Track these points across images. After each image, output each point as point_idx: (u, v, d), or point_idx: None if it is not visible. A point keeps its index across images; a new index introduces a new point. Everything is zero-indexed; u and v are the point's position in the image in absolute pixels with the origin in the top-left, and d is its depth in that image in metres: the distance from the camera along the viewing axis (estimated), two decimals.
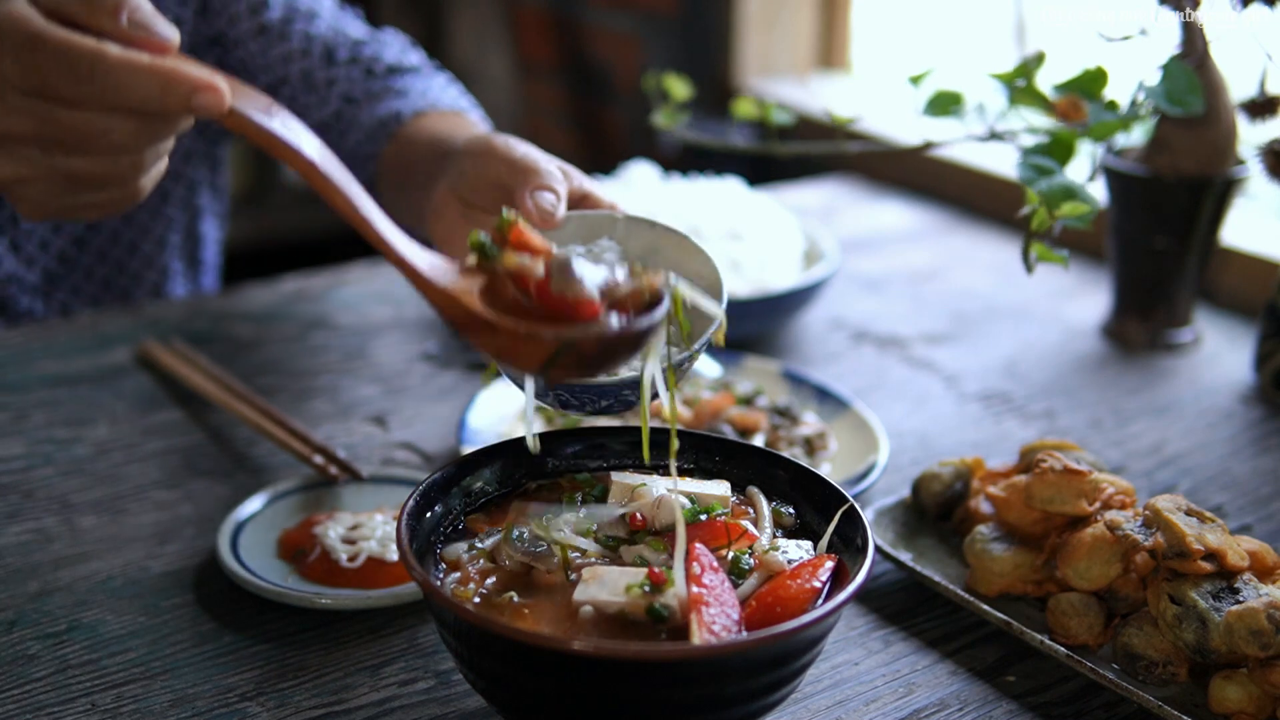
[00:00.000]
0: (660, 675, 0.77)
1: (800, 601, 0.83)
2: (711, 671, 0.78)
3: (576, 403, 0.94)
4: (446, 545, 0.91)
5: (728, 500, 0.93)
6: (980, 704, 0.96)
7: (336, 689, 0.95)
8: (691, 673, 0.77)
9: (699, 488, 0.93)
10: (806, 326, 1.60)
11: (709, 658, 0.77)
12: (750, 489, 0.97)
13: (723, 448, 1.01)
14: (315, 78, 1.52)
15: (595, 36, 3.18)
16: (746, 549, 0.88)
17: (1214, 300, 1.69)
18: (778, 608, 0.82)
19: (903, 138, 2.01)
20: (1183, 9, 1.41)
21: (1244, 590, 0.93)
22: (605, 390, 0.92)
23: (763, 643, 0.77)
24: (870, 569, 0.84)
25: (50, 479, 1.21)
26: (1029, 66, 1.43)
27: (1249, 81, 1.43)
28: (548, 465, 0.99)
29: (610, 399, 0.93)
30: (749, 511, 0.94)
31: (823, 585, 0.85)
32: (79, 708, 0.92)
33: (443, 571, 0.88)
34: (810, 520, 0.94)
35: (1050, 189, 1.27)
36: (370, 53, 1.53)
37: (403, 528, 0.86)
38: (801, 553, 0.89)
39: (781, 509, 0.95)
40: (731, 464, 1.00)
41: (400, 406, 1.37)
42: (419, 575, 0.81)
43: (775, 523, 0.94)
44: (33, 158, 0.83)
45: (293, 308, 1.60)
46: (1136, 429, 1.38)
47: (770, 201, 1.66)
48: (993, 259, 1.85)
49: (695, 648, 0.78)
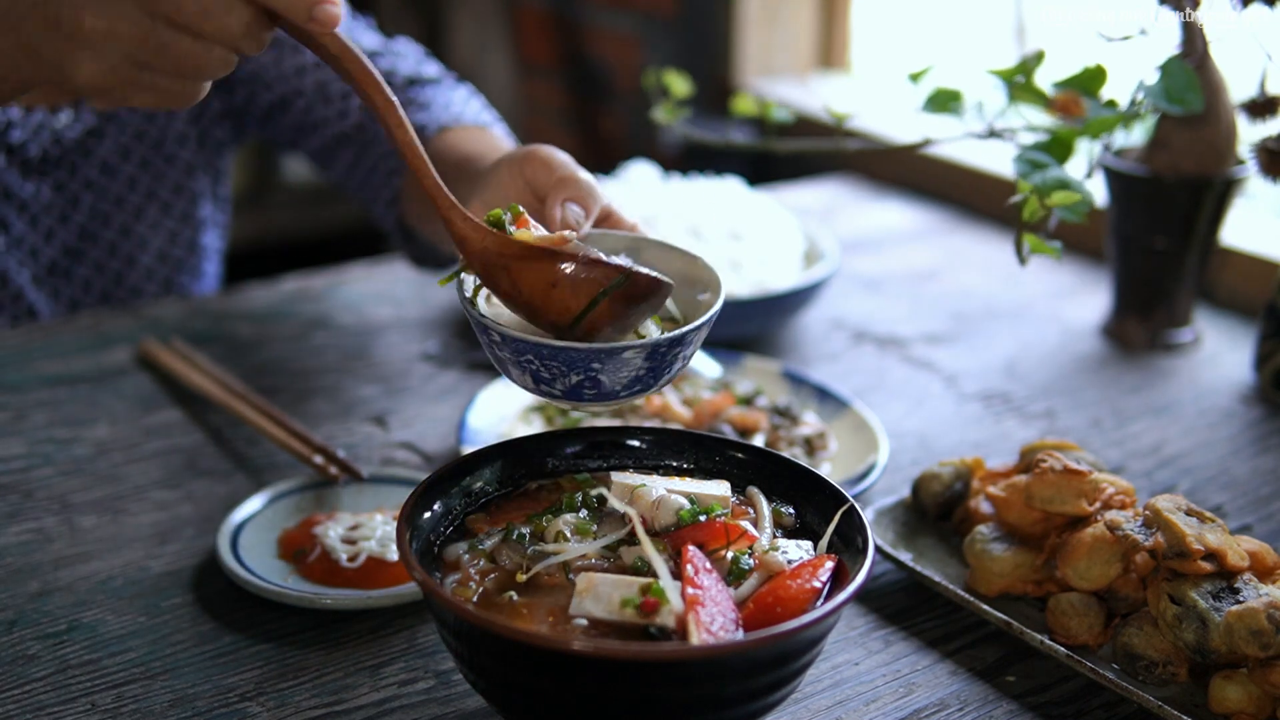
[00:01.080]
0: (659, 675, 0.77)
1: (800, 602, 0.83)
2: (710, 671, 0.78)
3: (548, 375, 0.92)
4: (446, 545, 0.91)
5: (728, 500, 0.93)
6: (980, 704, 0.96)
7: (336, 689, 0.95)
8: (690, 673, 0.77)
9: (699, 488, 0.93)
10: (806, 326, 1.60)
11: (708, 658, 0.77)
12: (750, 489, 0.97)
13: (721, 448, 1.01)
14: (331, 90, 1.52)
15: (595, 36, 3.18)
16: (746, 549, 0.88)
17: (1214, 300, 1.69)
18: (777, 608, 0.82)
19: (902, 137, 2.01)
20: (1183, 9, 1.41)
21: (1244, 590, 0.93)
22: (574, 359, 0.91)
23: (762, 643, 0.77)
24: (870, 569, 0.84)
25: (50, 479, 1.21)
26: (1028, 64, 1.43)
27: (1249, 81, 1.43)
28: (548, 465, 0.99)
29: (580, 372, 0.92)
30: (749, 512, 0.94)
31: (823, 585, 0.85)
32: (79, 708, 0.92)
33: (442, 571, 0.88)
34: (810, 520, 0.94)
35: (1044, 181, 1.27)
36: (387, 65, 1.53)
37: (403, 527, 0.86)
38: (801, 553, 0.89)
39: (782, 509, 0.95)
40: (731, 464, 1.00)
41: (400, 406, 1.37)
42: (419, 575, 0.81)
43: (775, 523, 0.94)
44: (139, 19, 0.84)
45: (293, 308, 1.60)
46: (1136, 429, 1.38)
47: (770, 201, 1.66)
48: (993, 259, 1.85)
49: (694, 648, 0.78)
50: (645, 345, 0.91)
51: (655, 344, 0.91)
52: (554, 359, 0.91)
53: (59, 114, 1.46)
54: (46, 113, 1.44)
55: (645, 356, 0.92)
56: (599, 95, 3.22)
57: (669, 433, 1.02)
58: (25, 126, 1.43)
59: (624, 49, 3.09)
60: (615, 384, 0.92)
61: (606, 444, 1.01)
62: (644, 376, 0.93)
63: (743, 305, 1.45)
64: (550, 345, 0.91)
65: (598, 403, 0.94)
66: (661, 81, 1.69)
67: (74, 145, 1.49)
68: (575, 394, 0.93)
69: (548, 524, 0.91)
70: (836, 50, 2.72)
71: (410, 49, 1.58)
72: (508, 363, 0.94)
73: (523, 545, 0.89)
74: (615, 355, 0.91)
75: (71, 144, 1.48)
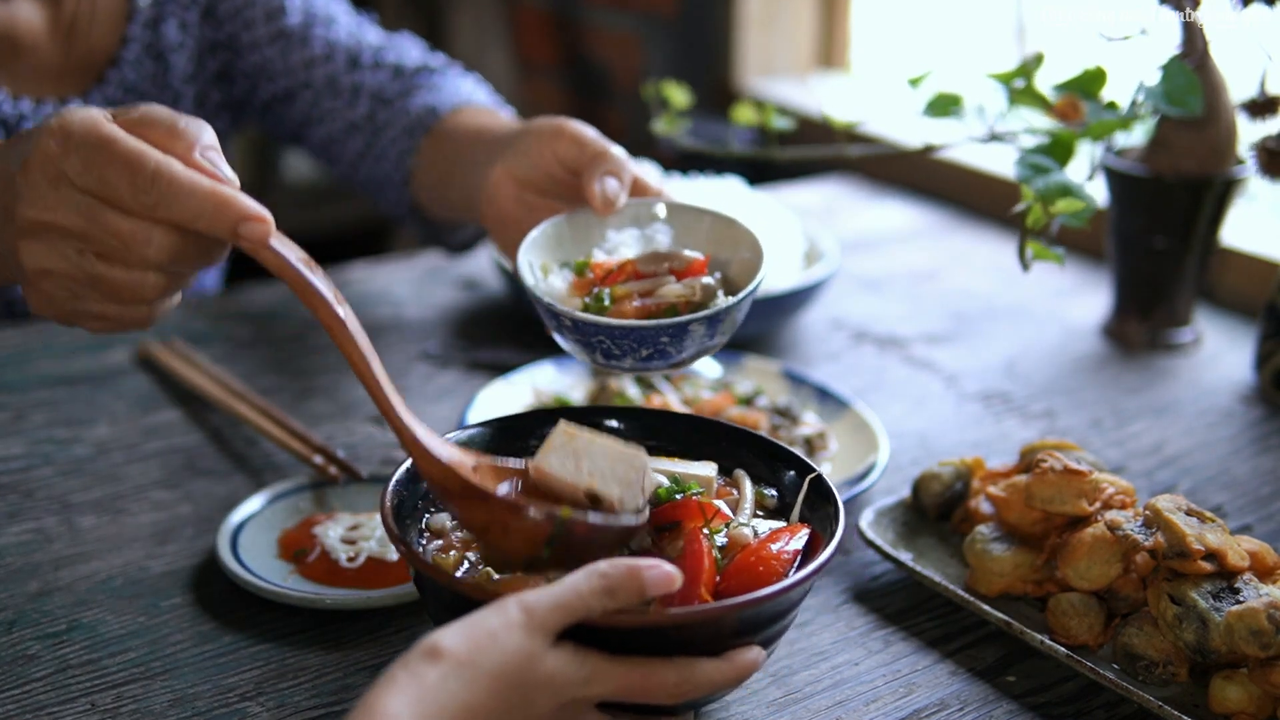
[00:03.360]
0: (633, 641, 0.79)
1: (770, 565, 0.86)
2: (684, 638, 0.80)
3: (619, 352, 1.00)
4: (434, 515, 0.94)
5: (710, 481, 0.96)
6: (980, 704, 0.96)
7: (336, 689, 0.95)
8: (664, 639, 0.80)
9: (685, 469, 0.96)
10: (806, 326, 1.60)
11: (680, 624, 0.80)
12: (737, 472, 1.00)
13: (694, 427, 1.04)
14: (340, 82, 1.53)
15: (595, 36, 3.18)
16: (721, 526, 0.91)
17: (1214, 300, 1.69)
18: (746, 575, 0.85)
19: (903, 139, 2.01)
20: (1183, 9, 1.41)
21: (1244, 590, 0.93)
22: (644, 336, 0.98)
23: (739, 608, 0.80)
24: (840, 538, 0.87)
25: (50, 479, 1.21)
26: (1028, 67, 1.43)
27: (1249, 81, 1.43)
28: (532, 445, 1.01)
29: (650, 347, 0.99)
30: (733, 493, 0.97)
31: (793, 555, 0.87)
32: (79, 708, 0.92)
33: (426, 539, 0.92)
34: (791, 501, 0.96)
35: (1047, 187, 1.27)
36: (394, 57, 1.54)
37: (388, 495, 0.89)
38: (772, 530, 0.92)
39: (765, 491, 0.98)
40: (710, 446, 1.02)
41: None
42: (394, 533, 0.85)
43: (758, 504, 0.97)
44: (67, 255, 0.85)
45: (293, 308, 1.60)
46: (1136, 429, 1.38)
47: (770, 201, 1.66)
48: (993, 259, 1.85)
49: (668, 614, 0.80)
50: (706, 317, 1.00)
51: (715, 314, 1.00)
52: (625, 337, 0.99)
53: (70, 103, 1.46)
54: (57, 103, 1.45)
55: (707, 326, 1.00)
56: (599, 95, 3.22)
57: (651, 413, 1.06)
58: (36, 118, 1.44)
59: (624, 49, 3.09)
60: (680, 352, 1.01)
61: (600, 424, 1.03)
62: (705, 342, 1.02)
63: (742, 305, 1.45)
64: (622, 325, 0.99)
65: (665, 368, 1.03)
66: (661, 92, 1.69)
67: None
68: (644, 364, 1.02)
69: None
70: (836, 50, 2.72)
71: (413, 43, 1.60)
72: (578, 344, 1.02)
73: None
74: (682, 329, 0.99)
75: None
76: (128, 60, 1.49)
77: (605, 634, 0.78)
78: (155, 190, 0.82)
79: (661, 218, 1.11)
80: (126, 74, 1.49)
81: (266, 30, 1.53)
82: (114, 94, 1.49)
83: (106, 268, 0.85)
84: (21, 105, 1.42)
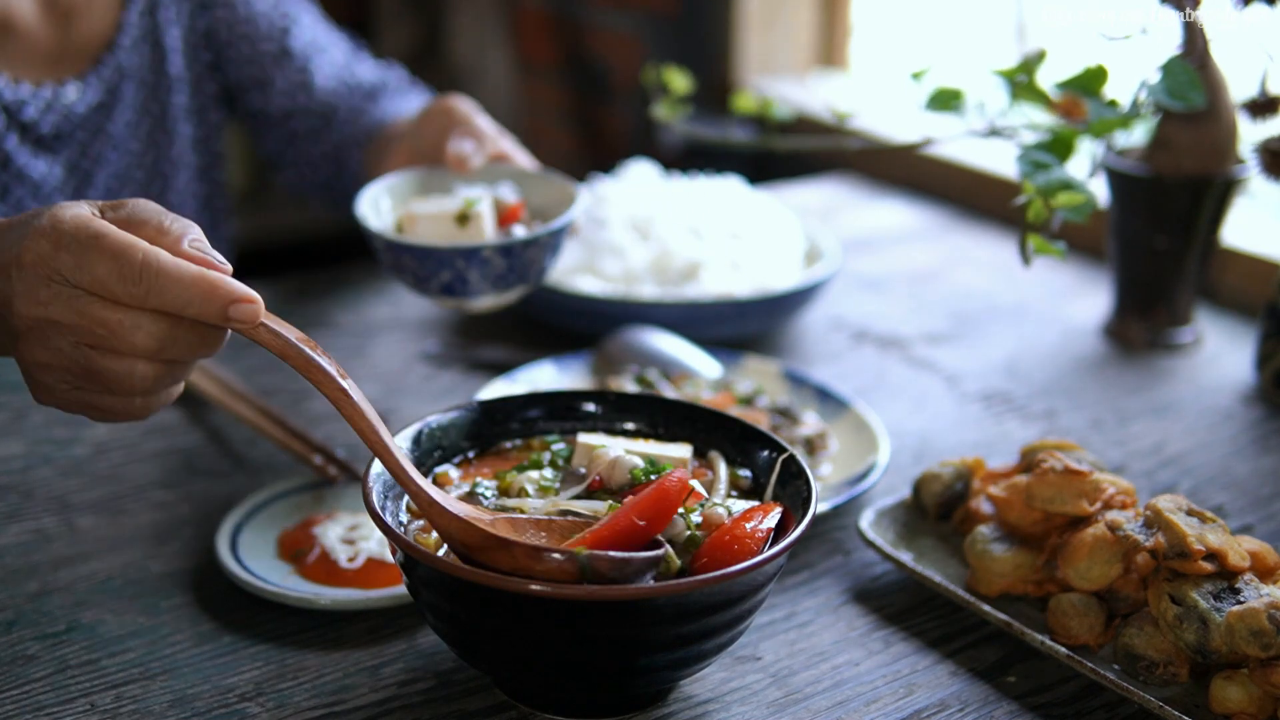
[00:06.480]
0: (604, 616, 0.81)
1: (743, 542, 0.87)
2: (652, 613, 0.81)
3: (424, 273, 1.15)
4: None
5: (685, 462, 0.97)
6: (981, 704, 0.96)
7: (336, 689, 0.95)
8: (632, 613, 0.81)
9: (660, 450, 0.98)
10: (806, 326, 1.60)
11: (656, 596, 0.81)
12: (712, 453, 1.01)
13: (669, 409, 1.05)
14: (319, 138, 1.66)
15: (595, 36, 3.18)
16: (696, 506, 0.92)
17: (1214, 300, 1.69)
18: (721, 552, 0.86)
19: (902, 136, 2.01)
20: (1183, 8, 1.41)
21: (1245, 590, 0.93)
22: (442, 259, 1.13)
23: (710, 582, 0.81)
24: (813, 514, 0.89)
25: (50, 479, 1.21)
26: (1031, 62, 1.43)
27: (1249, 81, 1.43)
28: (513, 427, 1.03)
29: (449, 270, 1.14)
30: (708, 474, 0.99)
31: (766, 533, 0.88)
32: (78, 708, 0.92)
33: (407, 519, 0.93)
34: (765, 481, 0.98)
35: (1048, 182, 1.27)
36: (392, 108, 1.64)
37: (370, 476, 0.90)
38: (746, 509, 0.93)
39: (739, 473, 1.00)
40: (685, 428, 1.04)
41: (400, 406, 1.37)
42: (375, 512, 0.86)
43: (732, 485, 0.98)
44: (62, 348, 0.86)
45: (293, 307, 1.60)
46: (1137, 429, 1.37)
47: (771, 201, 1.66)
48: (993, 259, 1.85)
49: (637, 589, 0.81)
50: (499, 245, 1.14)
51: (510, 244, 1.14)
52: (425, 259, 1.13)
53: (67, 86, 1.47)
54: (56, 86, 1.46)
55: (502, 255, 1.13)
56: (599, 95, 3.22)
57: (624, 396, 1.07)
58: (36, 102, 1.44)
59: (624, 49, 3.09)
60: (483, 281, 1.14)
61: (563, 408, 1.05)
62: (507, 275, 1.15)
63: (742, 305, 1.45)
64: (420, 246, 1.13)
65: (471, 299, 1.15)
66: (661, 78, 1.69)
67: (83, 120, 1.50)
68: (450, 290, 1.15)
69: (511, 480, 0.95)
70: (836, 49, 2.72)
71: (400, 79, 1.70)
72: (390, 267, 1.16)
73: (485, 500, 0.94)
74: (475, 254, 1.13)
75: (80, 119, 1.49)
76: (123, 46, 1.50)
77: (585, 605, 0.80)
78: (144, 280, 0.83)
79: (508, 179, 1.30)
80: (122, 59, 1.50)
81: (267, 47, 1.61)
82: (110, 78, 1.49)
83: (99, 357, 0.85)
84: (21, 90, 1.43)
